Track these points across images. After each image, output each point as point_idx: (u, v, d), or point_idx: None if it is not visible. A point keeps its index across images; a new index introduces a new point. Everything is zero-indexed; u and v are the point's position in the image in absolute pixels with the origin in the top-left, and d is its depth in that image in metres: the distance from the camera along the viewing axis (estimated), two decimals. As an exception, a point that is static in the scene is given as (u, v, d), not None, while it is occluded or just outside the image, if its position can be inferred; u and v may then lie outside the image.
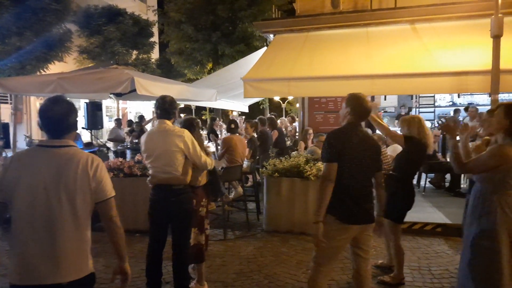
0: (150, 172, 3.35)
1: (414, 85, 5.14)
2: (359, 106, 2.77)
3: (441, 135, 8.63)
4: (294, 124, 10.37)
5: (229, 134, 6.26)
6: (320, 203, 2.66)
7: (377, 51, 5.92)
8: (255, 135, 6.95)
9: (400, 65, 5.40)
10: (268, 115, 11.88)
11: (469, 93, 11.10)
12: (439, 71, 5.02)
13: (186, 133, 3.29)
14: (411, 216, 5.45)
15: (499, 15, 4.62)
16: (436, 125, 11.28)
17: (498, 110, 2.66)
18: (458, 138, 2.93)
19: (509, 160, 2.49)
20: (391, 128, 4.00)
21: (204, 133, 10.68)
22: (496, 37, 4.62)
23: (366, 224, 2.74)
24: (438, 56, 5.42)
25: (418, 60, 5.45)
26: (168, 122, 3.33)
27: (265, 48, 8.41)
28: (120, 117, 12.58)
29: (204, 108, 21.28)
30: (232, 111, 23.37)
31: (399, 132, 3.98)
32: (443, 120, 2.91)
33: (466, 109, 9.08)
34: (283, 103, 24.73)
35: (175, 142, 3.22)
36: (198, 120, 3.99)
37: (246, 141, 6.44)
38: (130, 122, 12.17)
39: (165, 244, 3.40)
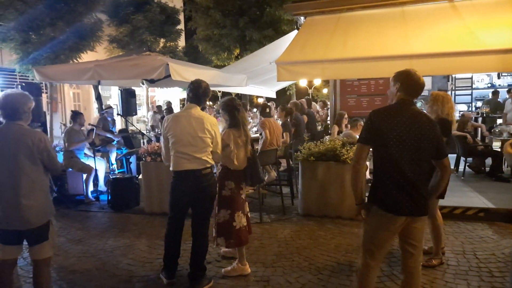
0: (174, 157, 3.26)
1: (458, 65, 4.90)
2: (409, 80, 2.49)
3: (481, 117, 8.30)
4: (325, 109, 10.17)
5: (262, 118, 6.24)
6: (353, 188, 2.59)
7: (415, 31, 5.69)
8: (288, 120, 6.90)
9: (441, 44, 5.17)
10: (292, 100, 11.63)
11: (509, 74, 10.59)
12: (484, 49, 4.78)
13: (216, 121, 3.42)
14: (452, 200, 5.34)
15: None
16: (474, 109, 10.86)
17: None
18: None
19: None
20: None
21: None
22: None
23: (414, 216, 2.42)
24: (481, 34, 5.14)
25: (460, 38, 5.19)
26: (198, 108, 3.33)
27: (294, 32, 8.27)
28: (150, 104, 12.81)
29: (230, 95, 21.36)
30: (257, 97, 23.19)
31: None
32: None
33: (509, 91, 8.67)
34: (310, 88, 24.43)
35: (207, 128, 3.26)
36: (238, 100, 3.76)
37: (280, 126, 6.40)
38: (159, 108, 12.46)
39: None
